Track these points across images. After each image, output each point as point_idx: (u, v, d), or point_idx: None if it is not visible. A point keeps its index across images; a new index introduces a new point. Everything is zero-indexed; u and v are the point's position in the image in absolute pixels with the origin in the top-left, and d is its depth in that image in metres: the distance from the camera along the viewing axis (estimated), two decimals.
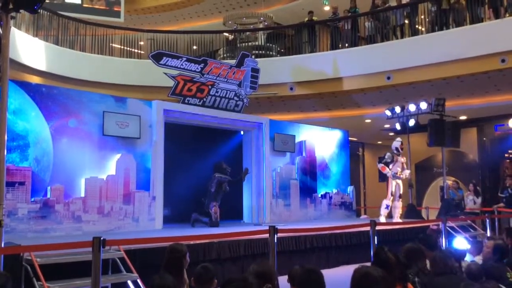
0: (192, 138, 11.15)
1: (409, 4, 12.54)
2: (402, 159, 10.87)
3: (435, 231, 8.19)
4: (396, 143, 10.90)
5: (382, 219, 10.52)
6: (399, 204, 10.83)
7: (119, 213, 8.47)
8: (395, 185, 10.75)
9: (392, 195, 10.83)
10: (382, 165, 10.77)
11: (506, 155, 15.71)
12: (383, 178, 12.00)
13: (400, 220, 10.73)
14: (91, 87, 11.70)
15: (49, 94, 8.07)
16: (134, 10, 16.92)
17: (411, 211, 12.05)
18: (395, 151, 10.84)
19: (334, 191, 12.72)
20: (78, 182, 8.11)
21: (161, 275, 3.49)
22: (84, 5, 15.10)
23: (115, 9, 15.51)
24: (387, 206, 10.80)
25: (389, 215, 11.37)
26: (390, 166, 10.72)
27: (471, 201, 13.04)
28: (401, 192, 10.91)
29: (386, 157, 10.83)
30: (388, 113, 12.50)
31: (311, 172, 12.20)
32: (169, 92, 9.85)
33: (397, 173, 10.72)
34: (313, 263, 7.85)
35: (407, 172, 11.00)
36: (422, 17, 12.39)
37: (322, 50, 13.48)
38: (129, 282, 5.48)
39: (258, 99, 12.56)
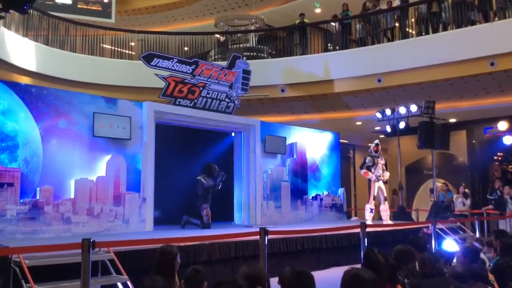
0: (183, 140, 11.13)
1: (400, 7, 12.62)
2: (381, 161, 10.95)
3: (428, 235, 8.23)
4: (372, 145, 10.99)
5: (369, 223, 10.56)
6: (385, 207, 10.89)
7: (109, 215, 8.42)
8: (378, 188, 10.81)
9: (374, 199, 10.88)
10: (365, 170, 10.81)
11: (495, 157, 15.86)
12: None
13: (390, 222, 10.78)
14: (81, 88, 11.64)
15: (39, 94, 8.01)
16: (125, 11, 16.85)
17: (401, 213, 12.11)
18: (373, 154, 10.92)
19: (325, 193, 12.75)
20: (67, 184, 8.05)
21: (152, 277, 3.48)
22: (78, 6, 15.03)
23: (108, 10, 15.46)
24: (371, 210, 10.86)
25: (377, 218, 11.43)
26: (372, 170, 10.79)
27: (460, 203, 13.14)
28: (385, 195, 10.97)
29: (367, 161, 10.88)
30: (378, 115, 12.57)
31: (302, 174, 12.22)
32: (160, 93, 9.82)
33: (379, 176, 10.79)
34: (304, 264, 7.85)
35: (387, 174, 11.09)
36: (413, 20, 12.49)
37: (313, 52, 13.52)
38: (119, 284, 5.45)
39: (249, 101, 12.57)
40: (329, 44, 13.74)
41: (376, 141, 11.21)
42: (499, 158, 15.91)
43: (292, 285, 2.92)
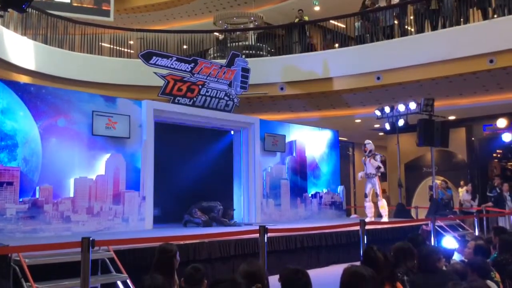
0: (182, 138, 11.12)
1: (399, 5, 12.61)
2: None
3: (427, 232, 8.25)
4: (371, 145, 11.05)
5: (370, 219, 10.61)
6: (384, 202, 10.93)
7: (109, 213, 8.42)
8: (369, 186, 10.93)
9: (377, 196, 10.91)
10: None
11: (494, 154, 15.88)
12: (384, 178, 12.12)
13: (387, 219, 10.79)
14: (80, 87, 11.62)
15: (38, 93, 8.00)
16: (123, 9, 16.84)
17: (400, 211, 12.13)
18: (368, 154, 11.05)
19: (324, 190, 12.76)
20: (67, 182, 8.04)
21: (152, 275, 3.48)
22: (74, 4, 15.02)
23: (104, 7, 15.43)
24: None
25: (378, 215, 11.45)
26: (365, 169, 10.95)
27: (469, 204, 13.16)
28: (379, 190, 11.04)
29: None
30: (377, 113, 12.58)
31: (301, 172, 12.23)
32: (159, 91, 9.82)
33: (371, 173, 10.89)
34: (304, 262, 7.88)
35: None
36: (412, 17, 12.48)
37: (312, 50, 13.50)
38: (119, 283, 5.45)
39: (249, 99, 12.56)
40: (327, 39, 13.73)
41: (369, 141, 11.29)
42: (498, 155, 15.92)
43: (288, 283, 2.94)
